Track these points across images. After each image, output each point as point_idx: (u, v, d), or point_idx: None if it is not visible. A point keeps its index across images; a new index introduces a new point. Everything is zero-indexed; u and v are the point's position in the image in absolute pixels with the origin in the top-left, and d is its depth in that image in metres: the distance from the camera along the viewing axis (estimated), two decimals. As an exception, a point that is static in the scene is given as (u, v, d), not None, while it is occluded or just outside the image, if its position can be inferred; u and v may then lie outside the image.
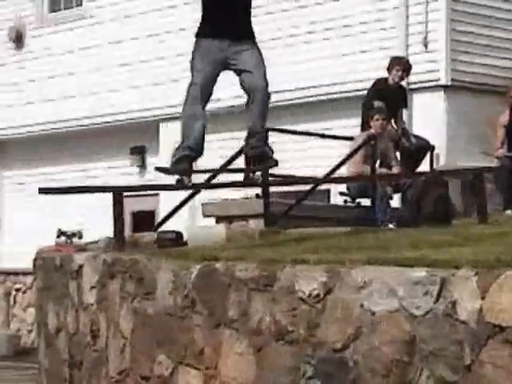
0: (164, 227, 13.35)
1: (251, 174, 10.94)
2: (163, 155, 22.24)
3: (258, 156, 10.44)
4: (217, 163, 14.50)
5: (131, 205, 12.29)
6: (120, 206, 11.43)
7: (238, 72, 10.30)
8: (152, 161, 23.19)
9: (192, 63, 10.40)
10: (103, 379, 10.39)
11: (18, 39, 27.33)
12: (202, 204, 15.03)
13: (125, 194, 11.96)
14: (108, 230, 12.28)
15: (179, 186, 11.80)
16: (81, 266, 11.29)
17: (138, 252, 10.79)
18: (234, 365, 8.27)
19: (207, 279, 8.85)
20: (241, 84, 10.28)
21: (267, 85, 10.32)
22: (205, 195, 15.22)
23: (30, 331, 24.40)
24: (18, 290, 25.34)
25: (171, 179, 11.76)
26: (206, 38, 10.51)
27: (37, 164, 26.25)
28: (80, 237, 14.05)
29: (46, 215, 22.86)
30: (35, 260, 13.55)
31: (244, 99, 10.89)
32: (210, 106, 11.48)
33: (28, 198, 23.33)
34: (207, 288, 8.77)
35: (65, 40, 27.13)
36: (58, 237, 14.18)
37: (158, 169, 10.81)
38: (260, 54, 10.28)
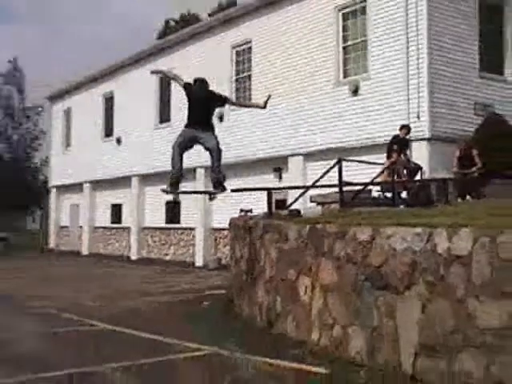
0: (291, 208, 13.82)
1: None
2: (291, 171, 22.77)
3: (215, 181, 11.46)
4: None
5: (275, 196, 13.07)
6: (270, 196, 12.86)
7: (203, 144, 11.22)
8: (284, 176, 23.69)
9: (177, 137, 11.34)
10: (262, 280, 11.04)
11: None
12: (310, 196, 14.93)
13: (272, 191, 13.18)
14: (264, 209, 13.31)
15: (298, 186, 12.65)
16: (252, 226, 11.88)
17: (279, 219, 11.37)
18: (326, 274, 8.90)
19: (313, 232, 9.44)
20: (205, 149, 11.22)
21: (218, 147, 11.14)
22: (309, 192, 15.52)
23: (225, 257, 24.21)
24: (220, 237, 26.32)
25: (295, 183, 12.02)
26: (186, 127, 11.42)
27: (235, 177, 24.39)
28: (250, 212, 14.34)
29: (235, 203, 22.47)
30: (230, 223, 14.38)
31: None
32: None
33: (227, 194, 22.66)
34: (313, 236, 9.39)
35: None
36: (240, 212, 14.57)
37: (162, 190, 11.80)
38: (216, 137, 11.26)
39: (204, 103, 11.29)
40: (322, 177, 13.93)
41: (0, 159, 69.63)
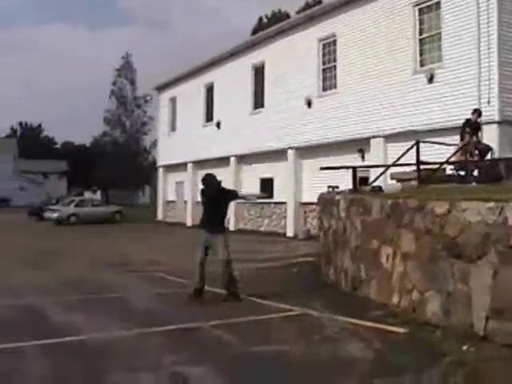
0: (373, 184, 13.69)
1: None
2: (373, 152, 22.68)
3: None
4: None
5: (358, 174, 12.91)
6: (355, 174, 12.93)
7: (216, 253, 10.76)
8: (367, 156, 23.42)
9: (197, 247, 10.82)
10: (347, 249, 11.07)
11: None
12: (390, 174, 14.69)
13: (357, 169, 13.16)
14: (348, 186, 13.22)
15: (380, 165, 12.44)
16: (338, 200, 11.83)
17: (362, 194, 11.33)
18: (406, 244, 8.86)
19: (394, 206, 9.38)
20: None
21: (227, 259, 10.59)
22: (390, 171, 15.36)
23: (314, 229, 24.52)
24: (309, 211, 26.20)
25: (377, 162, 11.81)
26: (203, 229, 10.93)
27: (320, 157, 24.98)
28: (337, 188, 14.19)
29: (323, 180, 21.81)
30: (318, 198, 14.35)
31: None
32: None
33: (315, 172, 22.39)
34: (394, 210, 9.32)
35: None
36: (328, 188, 14.43)
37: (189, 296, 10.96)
38: (227, 246, 10.71)
39: (215, 202, 10.93)
40: (401, 157, 13.87)
41: (115, 143, 71.69)
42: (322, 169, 15.56)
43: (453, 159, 14.76)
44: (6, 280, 13.94)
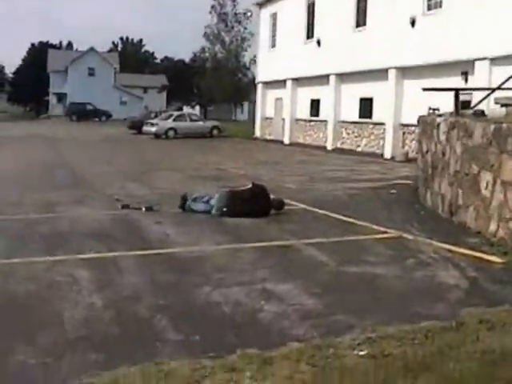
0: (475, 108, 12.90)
1: None
2: (477, 75, 21.71)
3: None
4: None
5: (461, 97, 12.34)
6: (457, 96, 12.44)
7: None
8: (470, 79, 22.32)
9: None
10: (446, 174, 10.81)
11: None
12: (495, 98, 13.01)
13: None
14: (449, 109, 12.81)
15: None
16: (439, 123, 11.46)
17: (464, 117, 10.82)
18: (507, 171, 8.48)
19: (498, 131, 8.92)
20: None
21: None
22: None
23: (412, 151, 24.18)
24: (408, 133, 26.07)
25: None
26: None
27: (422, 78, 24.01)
28: (438, 110, 13.77)
29: (423, 101, 19.85)
30: (418, 120, 13.88)
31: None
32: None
33: (416, 93, 21.66)
34: (497, 135, 8.92)
35: None
36: (429, 110, 14.08)
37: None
38: None
39: None
40: (507, 80, 12.89)
41: (215, 59, 71.90)
42: (424, 90, 15.08)
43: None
44: (106, 191, 14.31)
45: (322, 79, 32.91)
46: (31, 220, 10.70)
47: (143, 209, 11.50)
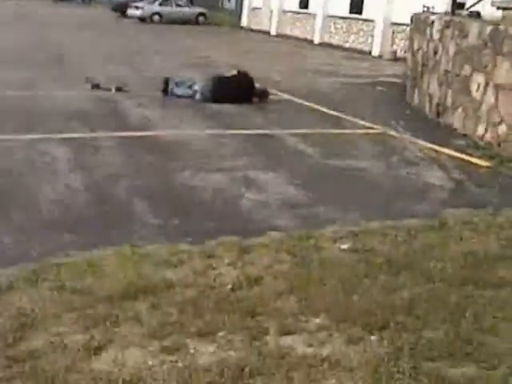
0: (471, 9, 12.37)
1: None
2: None
3: None
4: None
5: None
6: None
7: None
8: None
9: None
10: (436, 73, 10.43)
11: None
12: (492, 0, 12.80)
13: None
14: (444, 9, 11.70)
15: None
16: (433, 21, 10.95)
17: (460, 16, 10.52)
18: (501, 74, 8.13)
19: (494, 32, 8.56)
20: None
21: None
22: None
23: (401, 50, 23.11)
24: (398, 31, 24.76)
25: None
26: None
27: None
28: (432, 8, 13.16)
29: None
30: (411, 17, 13.08)
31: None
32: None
33: None
34: (493, 36, 8.44)
35: None
36: (423, 7, 13.49)
37: None
38: None
39: None
40: None
41: None
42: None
43: None
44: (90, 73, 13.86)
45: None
46: (8, 97, 10.39)
47: (113, 89, 11.27)
